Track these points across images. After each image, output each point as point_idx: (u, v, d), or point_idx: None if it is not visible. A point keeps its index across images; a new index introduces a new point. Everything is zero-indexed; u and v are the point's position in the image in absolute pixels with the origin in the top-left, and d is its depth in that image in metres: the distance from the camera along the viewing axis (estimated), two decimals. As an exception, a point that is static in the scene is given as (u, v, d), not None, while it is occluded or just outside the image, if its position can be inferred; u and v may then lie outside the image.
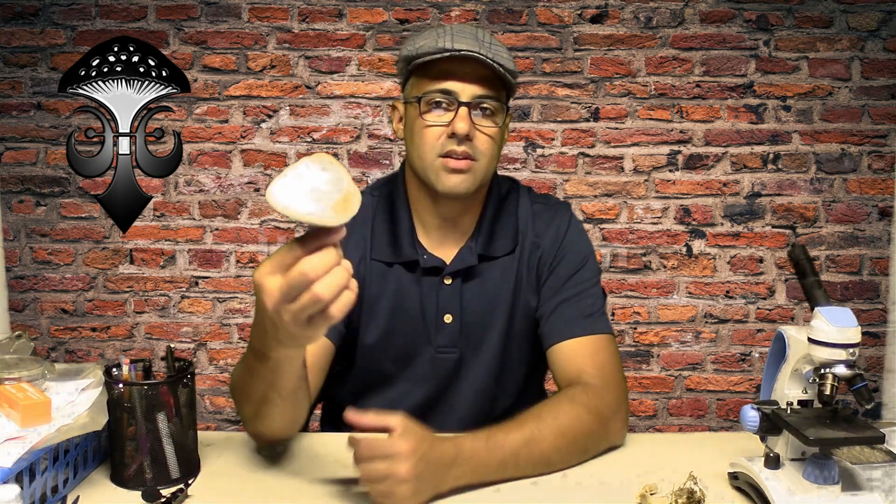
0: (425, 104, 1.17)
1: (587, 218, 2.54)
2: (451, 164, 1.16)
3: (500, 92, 1.19)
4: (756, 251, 2.54)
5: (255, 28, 2.49)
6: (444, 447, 0.97)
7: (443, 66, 1.15)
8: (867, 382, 0.92)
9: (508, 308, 1.26)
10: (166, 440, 1.01)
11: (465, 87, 1.15)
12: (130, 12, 2.48)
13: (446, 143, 1.16)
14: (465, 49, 1.13)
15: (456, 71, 1.15)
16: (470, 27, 1.20)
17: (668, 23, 2.49)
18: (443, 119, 1.16)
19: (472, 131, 1.15)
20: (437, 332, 1.25)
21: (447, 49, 1.14)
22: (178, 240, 2.54)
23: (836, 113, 2.50)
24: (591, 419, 1.09)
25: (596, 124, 2.52)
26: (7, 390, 0.95)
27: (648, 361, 2.58)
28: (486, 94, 1.16)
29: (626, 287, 2.56)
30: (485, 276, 1.26)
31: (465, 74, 1.15)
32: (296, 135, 2.52)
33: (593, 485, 1.03)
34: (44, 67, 2.48)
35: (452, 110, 1.16)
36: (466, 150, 1.16)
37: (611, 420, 1.13)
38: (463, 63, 1.14)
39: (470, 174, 1.17)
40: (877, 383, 2.37)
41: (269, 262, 0.76)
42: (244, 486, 1.02)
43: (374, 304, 1.25)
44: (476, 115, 1.17)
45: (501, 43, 1.21)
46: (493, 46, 1.17)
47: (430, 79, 1.17)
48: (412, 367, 1.27)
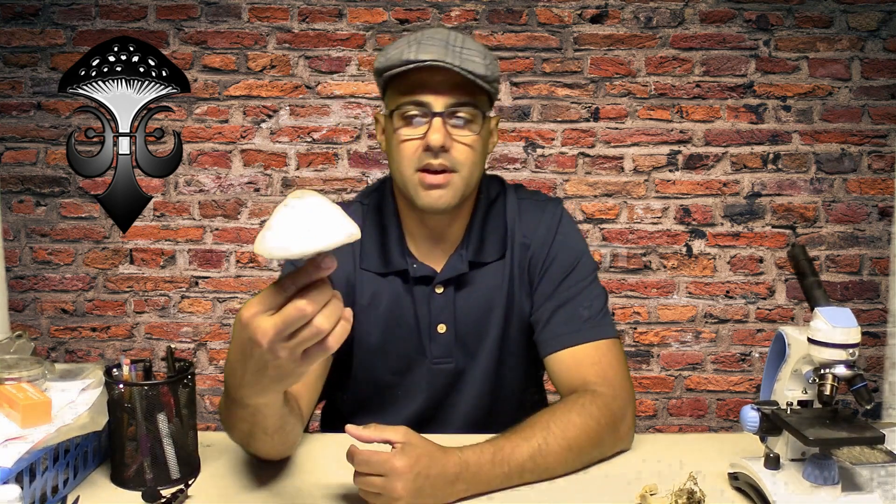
0: (399, 118, 1.15)
1: (587, 218, 2.54)
2: (428, 179, 1.13)
3: (477, 97, 1.15)
4: (756, 251, 2.54)
5: (255, 28, 2.49)
6: (447, 462, 0.96)
7: (413, 77, 1.12)
8: (867, 382, 0.92)
9: (503, 314, 1.24)
10: (166, 440, 1.01)
11: (438, 98, 1.12)
12: (130, 12, 2.48)
13: (422, 156, 1.13)
14: (429, 59, 1.09)
15: (426, 81, 1.12)
16: (442, 32, 1.16)
17: (668, 23, 2.49)
18: (418, 132, 1.13)
19: (448, 142, 1.12)
20: (431, 343, 1.24)
21: (411, 61, 1.10)
22: (178, 240, 2.54)
23: (836, 113, 2.50)
24: (600, 430, 1.08)
25: (596, 124, 2.51)
26: (7, 390, 0.95)
27: (648, 361, 2.58)
28: (459, 102, 1.13)
29: (626, 287, 2.56)
30: (477, 283, 1.23)
31: (437, 84, 1.12)
32: (296, 135, 2.52)
33: (593, 485, 1.03)
34: (44, 67, 2.48)
35: (426, 122, 1.12)
36: (443, 163, 1.13)
37: (620, 426, 1.12)
38: (433, 73, 1.11)
39: (448, 188, 1.14)
40: (877, 383, 2.37)
41: (256, 303, 0.72)
42: (244, 487, 1.02)
43: (367, 314, 1.23)
44: (452, 124, 1.13)
45: (478, 45, 1.16)
46: (465, 51, 1.12)
47: (401, 91, 1.14)
48: (409, 377, 1.26)
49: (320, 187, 2.52)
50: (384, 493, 0.92)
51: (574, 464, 1.06)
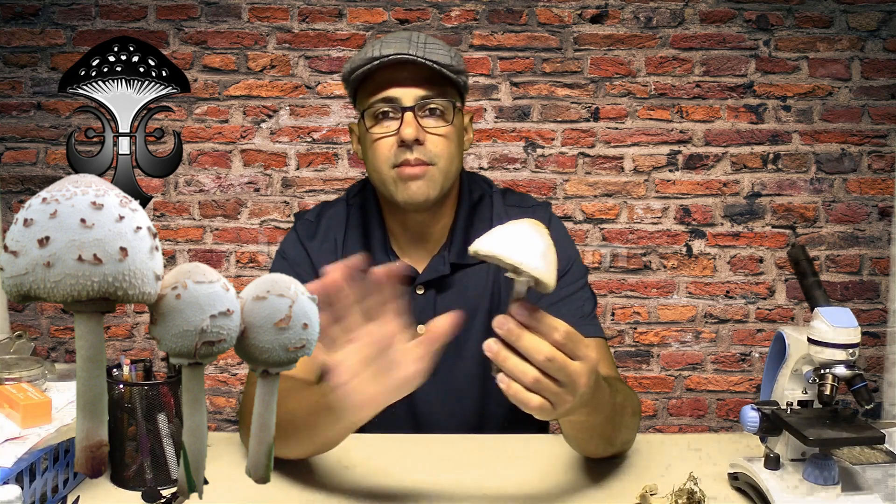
0: (370, 117, 1.15)
1: (587, 218, 2.54)
2: (406, 171, 1.13)
3: (447, 89, 1.16)
4: (756, 251, 2.54)
5: (255, 28, 2.49)
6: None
7: (380, 76, 1.13)
8: (867, 382, 0.92)
9: (487, 317, 1.22)
10: (166, 440, 1.01)
11: (406, 92, 1.13)
12: (130, 12, 2.48)
13: (398, 153, 1.13)
14: (392, 53, 1.11)
15: (394, 77, 1.13)
16: (406, 32, 1.17)
17: (668, 23, 2.49)
18: (390, 129, 1.14)
19: (422, 135, 1.13)
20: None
21: (375, 57, 1.11)
22: (178, 240, 2.54)
23: (836, 113, 2.50)
24: (635, 413, 1.08)
25: (596, 124, 2.52)
26: (7, 390, 0.95)
27: (648, 361, 2.58)
28: (429, 94, 1.13)
29: (626, 287, 2.56)
30: (460, 285, 1.23)
31: (404, 79, 1.13)
32: (296, 135, 2.52)
33: (593, 485, 1.03)
34: (44, 67, 2.48)
35: (398, 118, 1.13)
36: (419, 157, 1.13)
37: (638, 418, 1.12)
38: (399, 68, 1.12)
39: (426, 179, 1.14)
40: (877, 383, 2.37)
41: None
42: (244, 487, 1.02)
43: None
44: (424, 117, 1.14)
45: (441, 42, 1.18)
46: (429, 45, 1.14)
47: (369, 92, 1.15)
48: None
49: (320, 187, 2.53)
50: (571, 381, 0.77)
51: (630, 430, 1.05)
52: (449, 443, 1.17)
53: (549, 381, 0.76)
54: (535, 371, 0.76)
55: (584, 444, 1.03)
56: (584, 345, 0.78)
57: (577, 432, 0.99)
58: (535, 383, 0.76)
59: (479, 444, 1.17)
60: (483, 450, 1.15)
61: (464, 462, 1.11)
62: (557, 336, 0.76)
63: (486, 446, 1.16)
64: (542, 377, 0.76)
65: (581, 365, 0.77)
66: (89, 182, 0.51)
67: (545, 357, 0.75)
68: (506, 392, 0.77)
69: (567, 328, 0.77)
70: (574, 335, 0.77)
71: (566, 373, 0.76)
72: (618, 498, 0.99)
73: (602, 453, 1.06)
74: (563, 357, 0.76)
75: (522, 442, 1.17)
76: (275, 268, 1.27)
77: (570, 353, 0.77)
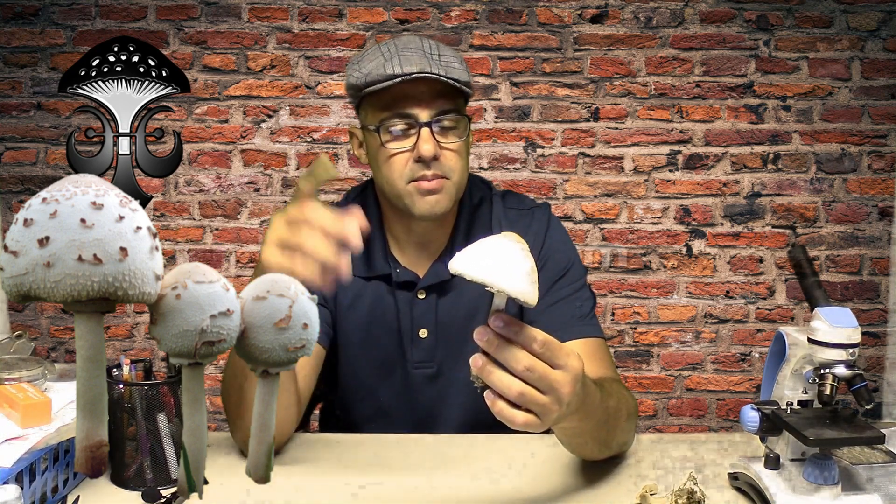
0: (385, 133, 1.13)
1: (587, 218, 2.54)
2: (424, 185, 1.13)
3: (458, 101, 1.16)
4: (756, 251, 2.54)
5: (255, 28, 2.49)
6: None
7: (395, 90, 1.11)
8: (867, 382, 0.92)
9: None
10: (166, 440, 1.01)
11: (423, 109, 1.12)
12: (130, 12, 2.48)
13: (415, 168, 1.13)
14: (416, 72, 1.09)
15: (410, 93, 1.11)
16: (416, 40, 1.16)
17: (668, 23, 2.49)
18: (406, 144, 1.13)
19: (438, 151, 1.12)
20: (412, 347, 1.24)
21: (397, 74, 1.09)
22: (178, 240, 2.54)
23: (836, 113, 2.50)
24: (630, 415, 1.07)
25: (596, 124, 2.51)
26: (7, 390, 0.95)
27: (648, 361, 2.58)
28: (444, 110, 1.13)
29: (626, 287, 2.56)
30: (461, 289, 1.23)
31: (421, 94, 1.11)
32: (296, 135, 2.52)
33: (593, 485, 1.03)
34: (44, 67, 2.48)
35: (414, 133, 1.12)
36: (436, 172, 1.13)
37: (634, 420, 1.11)
38: (416, 83, 1.10)
39: (444, 193, 1.15)
40: (877, 383, 2.37)
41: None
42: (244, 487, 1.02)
43: (348, 314, 1.23)
44: (439, 132, 1.13)
45: (450, 49, 1.17)
46: (444, 58, 1.13)
47: (384, 105, 1.13)
48: (391, 379, 1.25)
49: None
50: (554, 389, 0.76)
51: (625, 433, 1.05)
52: (449, 443, 1.18)
53: (534, 393, 0.76)
54: (519, 384, 0.75)
55: (579, 448, 1.03)
56: (564, 353, 0.78)
57: (569, 437, 0.98)
58: (520, 396, 0.75)
59: (478, 444, 1.17)
60: (483, 450, 1.15)
61: (464, 462, 1.11)
62: (536, 346, 0.75)
63: (486, 447, 1.16)
64: (526, 389, 0.75)
65: (563, 374, 0.77)
66: (89, 182, 0.51)
67: (524, 367, 0.75)
68: (491, 409, 0.77)
69: (545, 337, 0.76)
70: (552, 343, 0.77)
71: (548, 382, 0.76)
72: (618, 498, 0.99)
73: (598, 456, 1.06)
74: (544, 366, 0.76)
75: (522, 442, 1.17)
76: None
77: (550, 362, 0.76)
